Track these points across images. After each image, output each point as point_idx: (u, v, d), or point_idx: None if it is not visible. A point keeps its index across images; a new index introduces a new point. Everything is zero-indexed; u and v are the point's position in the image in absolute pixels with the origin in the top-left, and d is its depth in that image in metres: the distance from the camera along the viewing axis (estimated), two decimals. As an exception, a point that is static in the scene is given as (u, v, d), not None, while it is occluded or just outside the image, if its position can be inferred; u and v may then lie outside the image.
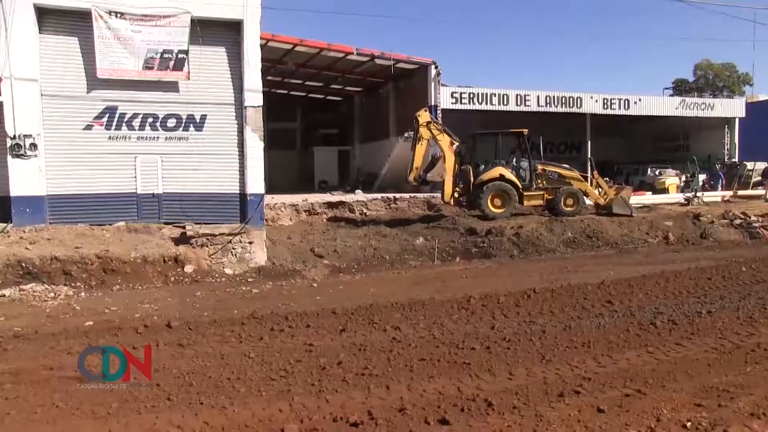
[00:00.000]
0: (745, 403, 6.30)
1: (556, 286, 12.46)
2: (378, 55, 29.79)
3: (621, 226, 20.32)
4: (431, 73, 29.54)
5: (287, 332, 9.34)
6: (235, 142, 16.82)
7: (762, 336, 8.81)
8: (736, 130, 37.55)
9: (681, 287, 12.36)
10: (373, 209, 24.34)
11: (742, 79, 67.80)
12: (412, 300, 11.26)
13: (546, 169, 22.32)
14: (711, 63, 69.14)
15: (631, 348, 8.34)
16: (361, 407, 6.35)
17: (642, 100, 35.09)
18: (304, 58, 30.68)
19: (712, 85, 68.56)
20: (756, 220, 21.94)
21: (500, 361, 7.75)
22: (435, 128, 21.37)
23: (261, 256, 16.13)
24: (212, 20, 16.37)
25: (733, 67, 68.62)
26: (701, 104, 37.19)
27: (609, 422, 5.89)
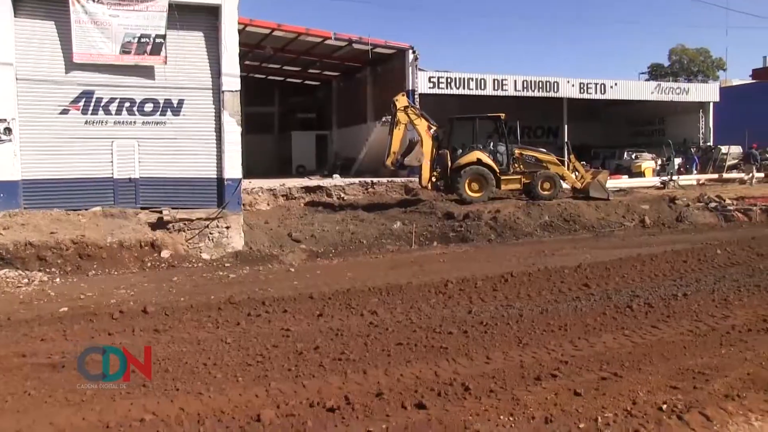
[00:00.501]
0: (720, 385, 6.35)
1: (533, 269, 12.51)
2: (356, 39, 29.67)
3: (598, 210, 20.45)
4: (409, 58, 29.47)
5: (264, 317, 9.29)
6: (212, 127, 16.66)
7: (737, 318, 8.89)
8: (711, 115, 37.91)
9: (657, 270, 12.45)
10: (351, 194, 24.28)
11: (716, 64, 68.37)
12: (390, 284, 11.26)
13: (523, 153, 22.38)
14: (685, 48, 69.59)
15: (608, 331, 8.37)
16: (338, 392, 6.31)
17: (618, 84, 35.27)
18: (282, 42, 30.48)
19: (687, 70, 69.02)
20: (731, 203, 22.20)
21: (477, 345, 7.74)
22: (412, 113, 21.33)
23: (238, 241, 16.04)
24: (190, 5, 16.20)
25: (707, 52, 69.11)
26: (676, 89, 37.47)
27: (585, 405, 5.90)
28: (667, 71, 68.61)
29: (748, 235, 17.24)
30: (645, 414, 5.71)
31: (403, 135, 21.56)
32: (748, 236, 16.78)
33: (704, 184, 29.59)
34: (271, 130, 41.59)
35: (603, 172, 24.17)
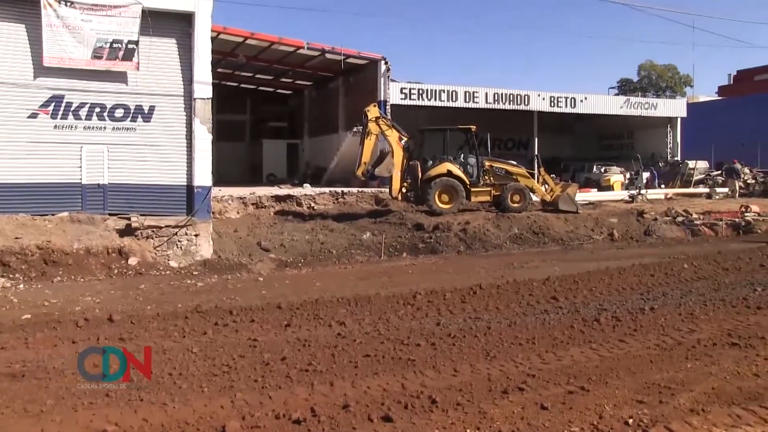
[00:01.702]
0: (686, 399, 6.38)
1: (501, 282, 12.55)
2: (329, 49, 29.64)
3: (567, 223, 20.59)
4: (381, 69, 29.49)
5: (231, 327, 9.21)
6: (183, 134, 16.54)
7: (702, 332, 8.96)
8: (678, 130, 38.41)
9: (625, 284, 12.56)
10: (321, 203, 24.17)
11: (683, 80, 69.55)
12: (358, 295, 11.25)
13: (493, 166, 22.49)
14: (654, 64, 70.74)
15: (575, 344, 8.40)
16: (304, 404, 6.25)
17: (588, 98, 35.60)
18: (255, 51, 30.38)
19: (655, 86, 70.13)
20: (697, 217, 22.48)
21: (445, 358, 7.72)
22: (384, 123, 21.34)
23: (207, 249, 15.91)
24: (163, 11, 16.08)
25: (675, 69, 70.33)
26: (645, 104, 37.93)
27: (552, 419, 5.90)
28: (636, 86, 69.63)
29: (714, 249, 17.47)
30: (611, 428, 5.72)
31: (374, 145, 21.53)
32: (714, 251, 17.00)
33: (672, 198, 29.95)
34: (243, 138, 41.35)
35: (572, 186, 24.35)
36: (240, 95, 40.18)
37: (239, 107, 40.54)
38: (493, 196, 22.10)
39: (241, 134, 41.18)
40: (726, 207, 25.19)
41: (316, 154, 37.09)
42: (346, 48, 29.67)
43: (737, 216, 22.99)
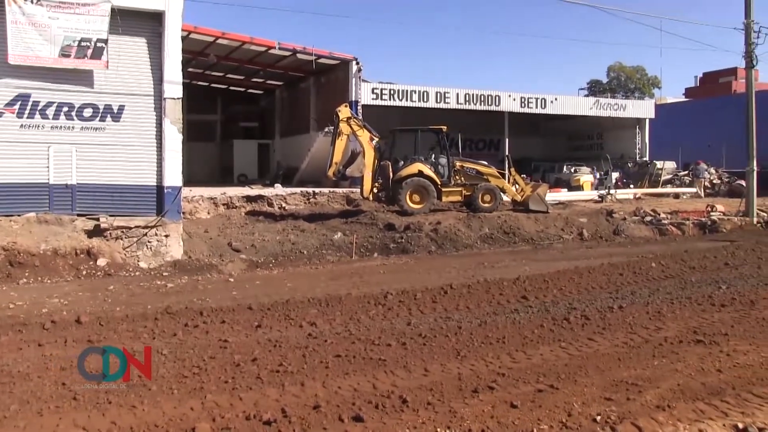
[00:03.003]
0: (652, 396, 6.47)
1: (472, 281, 12.60)
2: (300, 50, 29.61)
3: (537, 223, 20.72)
4: (352, 69, 29.52)
5: (201, 328, 9.14)
6: (153, 134, 16.34)
7: (669, 330, 9.09)
8: (647, 130, 38.87)
9: (594, 283, 12.68)
10: (292, 203, 24.11)
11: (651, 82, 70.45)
12: (329, 295, 11.22)
13: (464, 166, 22.59)
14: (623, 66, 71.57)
15: (545, 343, 8.47)
16: (275, 405, 6.23)
17: (558, 99, 35.90)
18: (226, 50, 30.26)
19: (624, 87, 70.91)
20: (665, 217, 22.77)
21: (416, 358, 7.74)
22: (355, 124, 21.33)
23: (177, 250, 15.77)
24: (133, 10, 15.85)
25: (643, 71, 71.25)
26: (614, 105, 38.36)
27: (522, 417, 5.94)
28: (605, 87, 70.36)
29: (681, 248, 17.72)
30: (579, 426, 5.78)
31: (346, 146, 21.54)
32: (681, 250, 17.26)
33: (640, 198, 30.31)
34: (214, 138, 41.13)
35: (542, 186, 24.53)
36: (211, 95, 39.95)
37: (210, 107, 40.31)
38: (464, 196, 22.19)
39: (212, 134, 40.96)
40: (693, 207, 25.56)
41: (287, 154, 36.97)
42: (317, 48, 29.69)
43: (703, 215, 23.35)
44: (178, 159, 16.34)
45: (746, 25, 23.76)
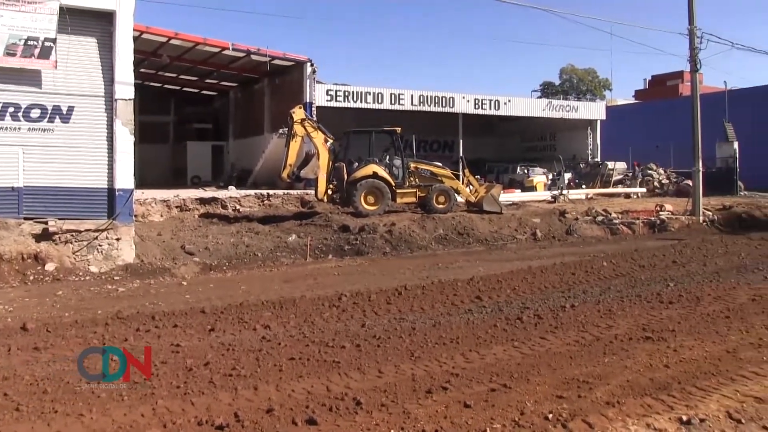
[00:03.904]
0: (603, 392, 6.57)
1: (427, 282, 12.66)
2: (254, 51, 29.51)
3: (491, 223, 20.88)
4: (307, 71, 29.49)
5: (153, 333, 8.99)
6: (104, 136, 16.00)
7: (619, 328, 9.24)
8: (598, 132, 39.52)
9: (547, 282, 12.84)
10: (247, 205, 23.96)
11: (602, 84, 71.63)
12: (283, 298, 11.17)
13: (418, 167, 22.70)
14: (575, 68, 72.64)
15: (498, 343, 8.53)
16: (228, 409, 6.17)
17: (511, 101, 36.32)
18: (179, 51, 30.01)
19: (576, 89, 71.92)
20: (616, 216, 23.16)
21: (370, 359, 7.73)
22: (309, 125, 21.28)
23: (129, 254, 15.51)
24: (82, 9, 15.51)
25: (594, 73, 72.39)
26: (566, 106, 38.95)
27: (475, 417, 5.97)
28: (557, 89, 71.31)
29: (631, 247, 18.09)
30: (532, 424, 5.83)
31: (300, 147, 21.48)
32: (632, 249, 17.61)
33: (592, 198, 30.76)
34: (167, 139, 40.68)
35: (496, 186, 24.76)
36: (164, 96, 39.56)
37: (163, 108, 39.91)
38: (418, 197, 22.28)
39: (164, 136, 40.53)
40: (642, 206, 26.04)
41: (241, 156, 36.71)
42: (271, 49, 29.60)
43: (653, 215, 23.82)
44: (130, 161, 16.07)
45: (690, 30, 24.39)
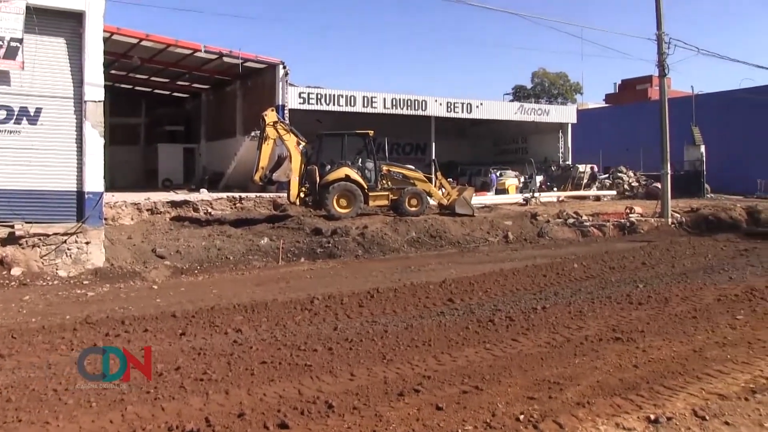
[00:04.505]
0: (573, 393, 6.62)
1: (399, 285, 12.68)
2: (226, 53, 29.38)
3: (463, 226, 20.96)
4: (279, 73, 29.41)
5: (123, 337, 8.89)
6: (73, 138, 15.78)
7: (590, 329, 9.32)
8: (569, 135, 39.84)
9: (518, 284, 12.91)
10: (219, 208, 23.81)
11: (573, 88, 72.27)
12: (255, 301, 11.12)
13: (391, 170, 22.74)
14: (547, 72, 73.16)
15: (470, 345, 8.56)
16: (199, 414, 6.12)
17: (484, 104, 36.48)
18: (150, 53, 29.79)
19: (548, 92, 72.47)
20: (587, 219, 23.36)
21: (342, 362, 7.72)
22: (281, 128, 21.23)
23: (98, 257, 15.33)
24: (50, 9, 15.28)
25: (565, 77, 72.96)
26: (538, 110, 39.22)
27: (447, 419, 5.98)
28: (529, 93, 71.77)
29: (601, 249, 18.26)
30: (503, 425, 5.86)
31: (272, 150, 21.40)
32: (602, 251, 17.78)
33: (563, 201, 31.00)
34: (137, 141, 40.36)
35: (468, 189, 24.86)
36: (134, 98, 39.24)
37: (134, 110, 39.62)
38: (390, 200, 22.31)
39: (135, 138, 40.23)
40: (613, 209, 26.31)
41: (213, 158, 36.50)
42: (244, 51, 29.50)
43: (623, 217, 24.07)
44: (100, 163, 15.88)
45: (658, 36, 24.76)
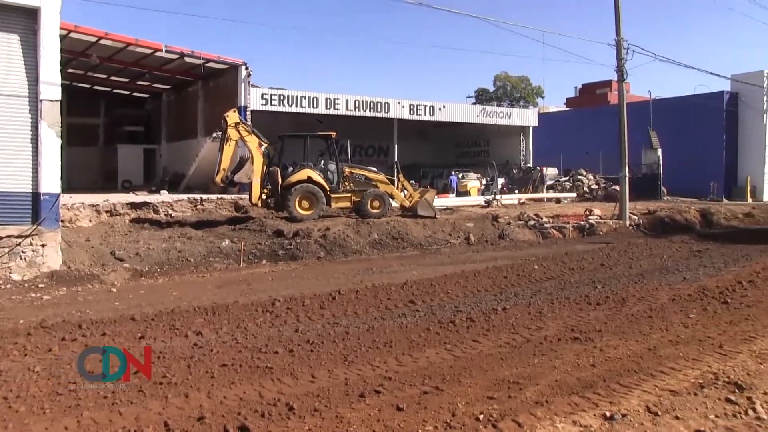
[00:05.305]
0: (532, 392, 6.69)
1: (361, 287, 12.69)
2: (188, 53, 29.13)
3: (425, 228, 21.03)
4: (241, 74, 29.26)
5: (80, 342, 8.72)
6: (28, 138, 15.44)
7: (549, 329, 9.43)
8: (531, 138, 40.25)
9: (479, 286, 13.00)
10: (179, 210, 23.58)
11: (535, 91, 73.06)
12: (216, 304, 11.04)
13: (353, 172, 22.74)
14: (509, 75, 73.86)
15: (431, 346, 8.59)
16: (157, 418, 6.05)
17: (446, 107, 36.70)
18: (109, 51, 29.38)
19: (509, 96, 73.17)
20: (547, 221, 23.61)
21: (303, 364, 7.70)
22: (243, 129, 21.11)
23: (55, 260, 15.05)
24: (3, 4, 14.88)
25: (527, 80, 73.74)
26: (499, 113, 39.55)
27: (407, 419, 6.01)
28: (491, 96, 72.37)
29: (561, 251, 18.48)
30: (463, 425, 5.89)
31: (234, 152, 21.26)
32: (562, 252, 18.00)
33: (524, 203, 31.31)
34: (96, 142, 39.81)
35: (430, 191, 24.96)
36: (93, 97, 38.77)
37: (92, 110, 39.13)
38: (353, 202, 22.31)
39: (94, 138, 39.68)
40: (572, 211, 26.65)
41: (174, 159, 36.18)
42: (206, 52, 29.29)
43: (582, 219, 24.39)
44: (57, 164, 15.59)
45: (617, 42, 25.18)
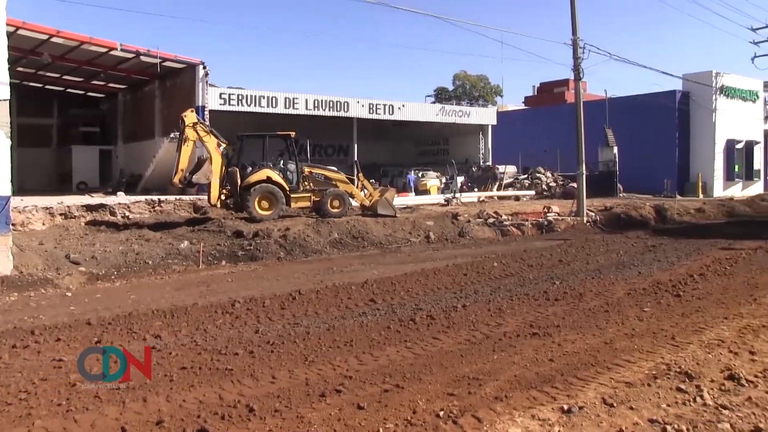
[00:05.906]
0: (491, 388, 6.76)
1: (321, 287, 12.69)
2: (144, 52, 28.69)
3: (385, 227, 21.06)
4: (199, 73, 28.95)
5: (33, 348, 8.55)
6: (-25, 139, 15.19)
7: (508, 325, 9.54)
8: (489, 136, 40.55)
9: (440, 283, 13.08)
10: (137, 212, 23.30)
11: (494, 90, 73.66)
12: (175, 306, 10.94)
13: (313, 172, 22.69)
14: (468, 74, 74.31)
15: (392, 344, 8.63)
16: (115, 424, 5.97)
17: (405, 106, 36.78)
18: (62, 50, 28.78)
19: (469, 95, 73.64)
20: (506, 218, 23.82)
21: (263, 365, 7.67)
22: (201, 129, 20.91)
23: (5, 265, 14.68)
24: (-56, -2, 14.67)
25: (486, 79, 74.28)
26: (458, 112, 39.77)
27: (368, 418, 6.03)
28: (451, 95, 72.78)
29: (520, 248, 18.68)
30: (424, 422, 5.93)
31: (192, 152, 21.07)
32: (521, 249, 18.20)
33: (484, 201, 31.55)
34: (49, 143, 39.04)
35: (390, 190, 25.01)
36: (45, 97, 38.01)
37: (45, 110, 38.39)
38: (313, 201, 22.25)
39: (46, 139, 38.90)
40: (531, 208, 26.95)
41: (131, 160, 35.69)
42: (162, 51, 28.88)
43: (541, 216, 24.66)
44: (6, 166, 15.21)
45: (573, 41, 25.55)
